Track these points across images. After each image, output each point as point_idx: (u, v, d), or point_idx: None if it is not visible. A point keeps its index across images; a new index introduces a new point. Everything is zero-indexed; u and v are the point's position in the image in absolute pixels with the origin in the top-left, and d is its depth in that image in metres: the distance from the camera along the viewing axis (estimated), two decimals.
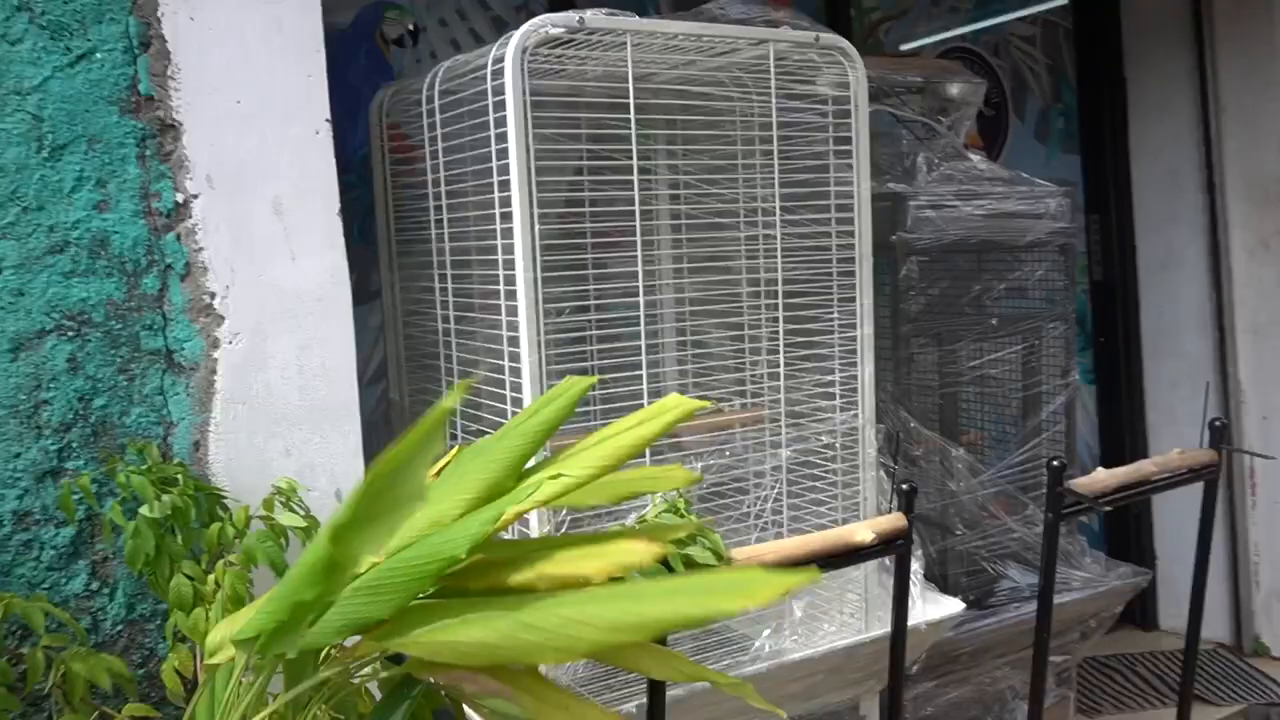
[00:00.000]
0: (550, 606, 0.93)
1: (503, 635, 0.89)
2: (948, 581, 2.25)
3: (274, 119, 1.70)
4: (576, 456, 1.09)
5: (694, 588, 0.93)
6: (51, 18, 1.56)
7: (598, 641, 0.90)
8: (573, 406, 1.10)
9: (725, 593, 0.90)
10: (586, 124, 2.05)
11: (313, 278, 1.73)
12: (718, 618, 0.93)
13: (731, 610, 0.89)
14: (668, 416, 1.10)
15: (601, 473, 1.07)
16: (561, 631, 0.89)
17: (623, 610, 0.91)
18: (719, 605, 0.89)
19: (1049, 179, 3.74)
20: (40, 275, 1.55)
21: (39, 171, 1.55)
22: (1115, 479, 1.96)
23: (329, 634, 0.97)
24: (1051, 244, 2.34)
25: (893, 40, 3.34)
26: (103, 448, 1.59)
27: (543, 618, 0.91)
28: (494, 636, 0.90)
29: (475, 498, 1.02)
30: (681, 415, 1.11)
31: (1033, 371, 2.35)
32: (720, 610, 0.89)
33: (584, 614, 0.91)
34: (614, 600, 0.92)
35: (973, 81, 2.50)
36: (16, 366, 1.54)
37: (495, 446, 1.07)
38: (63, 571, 1.57)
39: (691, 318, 2.17)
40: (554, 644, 0.89)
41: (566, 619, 0.91)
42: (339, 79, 2.44)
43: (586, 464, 1.07)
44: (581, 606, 0.92)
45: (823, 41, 1.84)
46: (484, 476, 1.04)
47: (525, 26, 1.58)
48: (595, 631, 0.90)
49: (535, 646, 0.90)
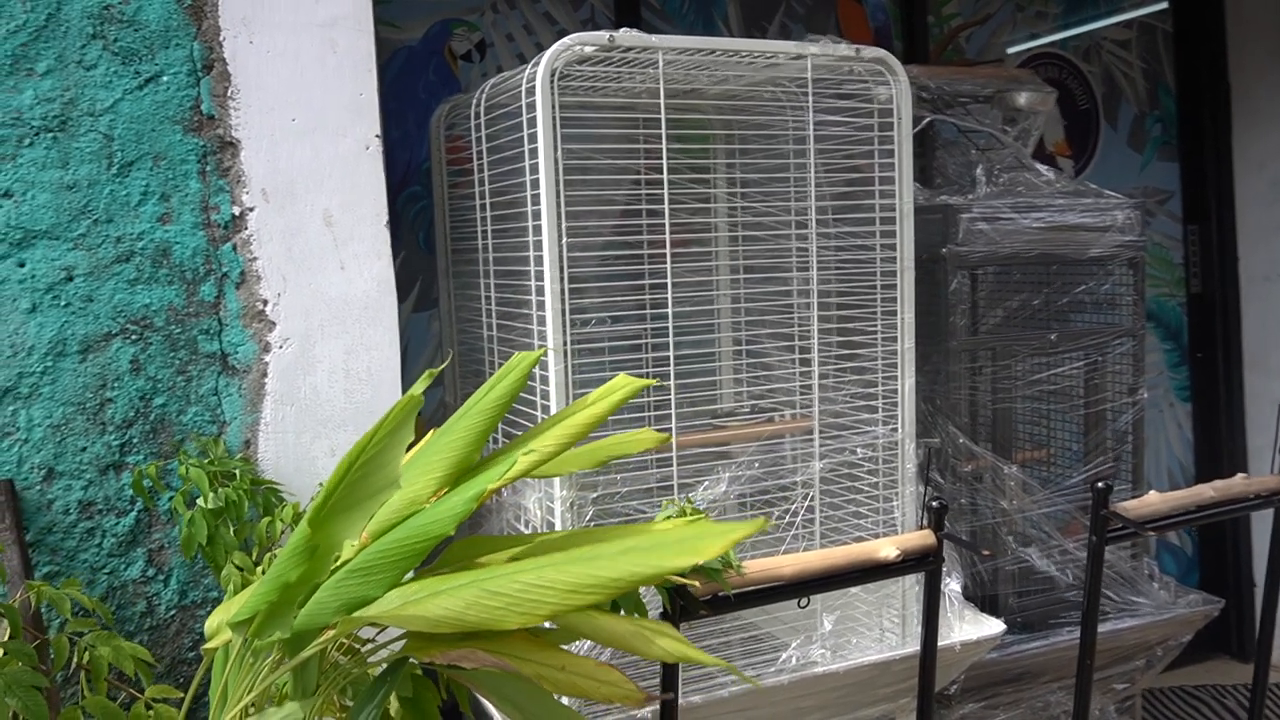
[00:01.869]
0: (512, 573, 0.98)
1: (468, 603, 0.94)
2: (997, 602, 2.20)
3: (326, 135, 1.79)
4: (540, 436, 1.14)
5: (644, 546, 0.97)
6: (123, 44, 1.68)
7: (559, 604, 0.94)
8: (524, 380, 1.16)
9: (675, 550, 0.94)
10: (639, 135, 2.09)
11: (360, 286, 1.81)
12: (668, 573, 0.96)
13: (681, 565, 0.92)
14: (616, 396, 1.15)
15: (564, 447, 1.12)
16: (523, 596, 0.94)
17: (579, 573, 0.95)
18: (669, 562, 0.93)
19: (1143, 188, 3.63)
20: (108, 283, 1.68)
21: (108, 187, 1.67)
22: (1167, 503, 1.88)
23: (326, 614, 1.03)
24: (1119, 257, 2.26)
25: (974, 47, 3.27)
26: (161, 443, 1.70)
27: (505, 584, 0.96)
28: (460, 605, 0.95)
29: (444, 475, 1.08)
30: (628, 395, 1.16)
31: (1096, 389, 2.28)
32: (670, 566, 0.93)
33: (543, 578, 0.95)
34: (571, 564, 0.96)
35: (1041, 90, 2.44)
36: (84, 367, 1.67)
37: (457, 426, 1.13)
38: (122, 558, 1.69)
39: (744, 326, 2.19)
40: (517, 608, 0.94)
41: (527, 584, 0.95)
42: (408, 93, 2.55)
43: (549, 441, 1.12)
44: (540, 572, 0.97)
45: (864, 54, 1.84)
46: (449, 455, 1.09)
47: (555, 46, 1.62)
48: (555, 594, 0.95)
49: (498, 612, 0.95)
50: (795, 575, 1.61)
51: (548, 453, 1.11)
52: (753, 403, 2.33)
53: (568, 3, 2.69)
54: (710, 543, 0.94)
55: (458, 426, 1.15)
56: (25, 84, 1.63)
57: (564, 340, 1.64)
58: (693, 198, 2.12)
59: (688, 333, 1.97)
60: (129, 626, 1.69)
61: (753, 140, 2.16)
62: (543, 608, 0.94)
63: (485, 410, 1.15)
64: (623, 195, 1.87)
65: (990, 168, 2.23)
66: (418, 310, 2.55)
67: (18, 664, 1.27)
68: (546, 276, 1.63)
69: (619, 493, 1.72)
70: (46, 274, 1.64)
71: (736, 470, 1.77)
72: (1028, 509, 2.17)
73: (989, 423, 2.20)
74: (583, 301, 1.79)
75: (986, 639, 1.91)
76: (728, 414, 2.21)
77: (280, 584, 1.03)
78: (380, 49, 2.54)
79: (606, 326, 1.86)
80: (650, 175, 1.77)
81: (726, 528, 0.97)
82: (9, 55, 1.62)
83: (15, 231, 1.63)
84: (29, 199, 1.63)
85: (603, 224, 1.98)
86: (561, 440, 1.15)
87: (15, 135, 1.63)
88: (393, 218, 2.57)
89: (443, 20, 2.55)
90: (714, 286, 2.28)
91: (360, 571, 1.00)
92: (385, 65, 2.52)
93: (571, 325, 1.65)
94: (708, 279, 2.24)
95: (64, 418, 1.66)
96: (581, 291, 1.79)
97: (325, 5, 1.79)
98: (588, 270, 1.82)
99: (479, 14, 2.59)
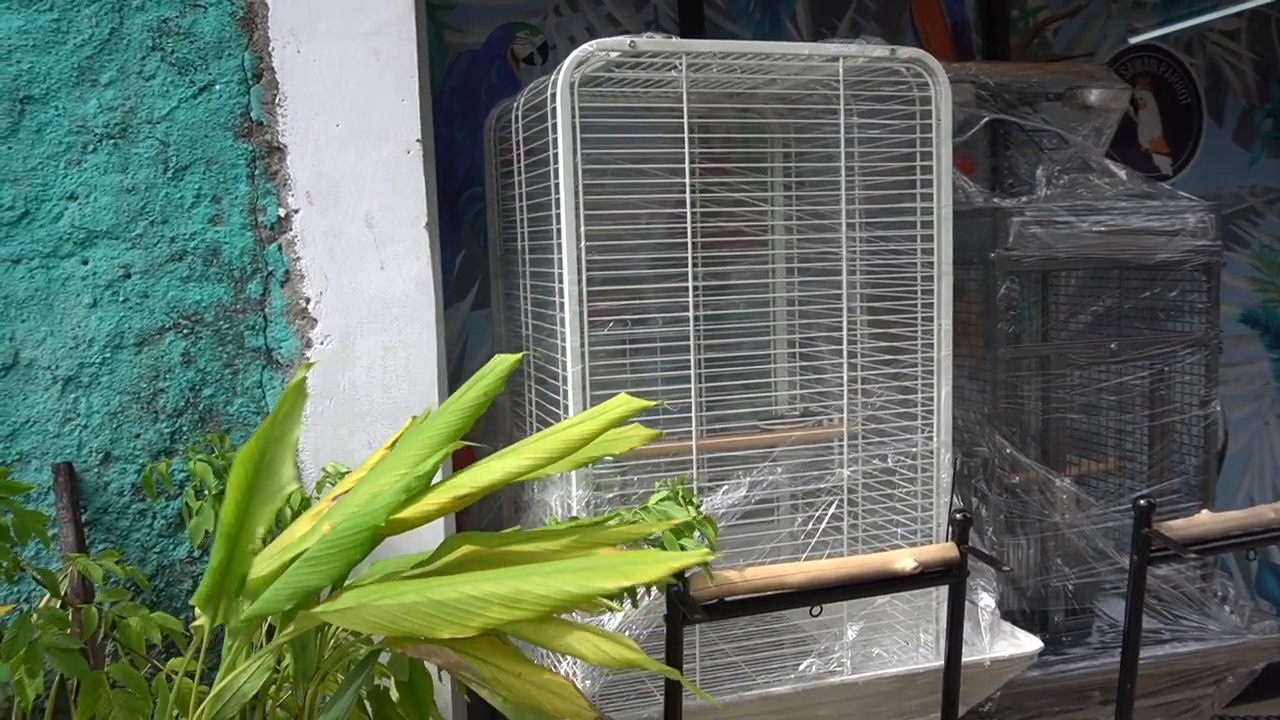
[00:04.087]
0: (455, 583, 1.01)
1: (406, 608, 0.98)
2: (1047, 619, 2.12)
3: (370, 140, 1.86)
4: (526, 448, 1.16)
5: (580, 567, 0.98)
6: (179, 55, 1.78)
7: (490, 619, 0.96)
8: (501, 382, 1.18)
9: (608, 573, 0.95)
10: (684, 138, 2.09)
11: (399, 286, 1.88)
12: (598, 595, 0.97)
13: (609, 588, 0.93)
14: (610, 415, 1.16)
15: (543, 464, 1.14)
16: (459, 607, 0.97)
17: (514, 588, 0.97)
18: (599, 584, 0.94)
19: (1250, 186, 3.42)
20: (162, 280, 1.78)
21: (164, 190, 1.78)
22: (1220, 524, 1.79)
23: (280, 600, 1.08)
24: (1189, 263, 2.15)
25: (1062, 41, 3.15)
26: (208, 432, 1.80)
27: (446, 594, 0.99)
28: (398, 609, 0.98)
29: (407, 472, 1.11)
30: (624, 415, 1.16)
31: (1163, 400, 2.18)
32: (599, 588, 0.94)
33: (480, 591, 0.98)
34: (507, 579, 0.98)
35: (1114, 87, 2.34)
36: (140, 358, 1.78)
37: (432, 424, 1.17)
38: (170, 539, 1.80)
39: (796, 330, 2.18)
40: (449, 617, 0.97)
41: (466, 595, 0.98)
42: (471, 96, 2.61)
43: (529, 455, 1.14)
44: (479, 584, 0.99)
45: (900, 54, 1.80)
46: (417, 452, 1.13)
47: (577, 52, 1.65)
48: (491, 608, 0.97)
49: (432, 619, 0.97)
50: (805, 582, 1.60)
51: (521, 468, 1.13)
52: (803, 406, 2.32)
53: (630, 4, 2.71)
54: (647, 569, 0.95)
55: (430, 425, 1.19)
56: (90, 94, 1.75)
57: (581, 341, 1.67)
58: (736, 199, 2.11)
59: (724, 335, 1.97)
60: (176, 603, 1.80)
61: (801, 142, 2.14)
62: (476, 619, 0.96)
63: (459, 410, 1.18)
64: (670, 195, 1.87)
65: (1051, 169, 2.15)
66: (476, 308, 2.62)
67: (54, 629, 1.38)
68: (565, 279, 1.66)
69: (635, 494, 1.74)
70: (107, 271, 1.76)
71: (758, 475, 1.77)
72: (1081, 524, 2.09)
73: (1039, 434, 2.12)
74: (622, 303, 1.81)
75: (1020, 656, 1.86)
76: (775, 417, 2.20)
77: (213, 568, 1.10)
78: (445, 53, 2.62)
79: (627, 329, 1.87)
80: (696, 174, 1.77)
81: (667, 556, 0.98)
82: (76, 67, 1.74)
83: (79, 231, 1.75)
84: (92, 201, 1.75)
85: (651, 224, 1.99)
86: (545, 457, 1.16)
87: (81, 142, 1.75)
88: (455, 217, 2.66)
89: (506, 24, 2.61)
90: (769, 288, 2.27)
91: (311, 561, 1.05)
92: (449, 69, 2.59)
93: (594, 327, 1.67)
94: (741, 282, 2.22)
95: (120, 405, 1.77)
96: (607, 294, 1.81)
97: (370, 14, 1.85)
98: (620, 273, 1.83)
99: (542, 17, 2.64)
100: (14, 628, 1.30)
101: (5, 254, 1.72)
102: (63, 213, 1.74)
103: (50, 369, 1.74)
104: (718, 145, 2.34)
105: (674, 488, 1.40)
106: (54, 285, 1.74)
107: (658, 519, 1.34)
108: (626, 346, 2.14)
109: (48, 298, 1.74)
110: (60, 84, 1.73)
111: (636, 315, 1.93)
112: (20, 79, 1.72)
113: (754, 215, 2.25)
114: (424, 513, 1.12)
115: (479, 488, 1.12)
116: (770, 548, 1.83)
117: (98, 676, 1.34)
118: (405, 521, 1.11)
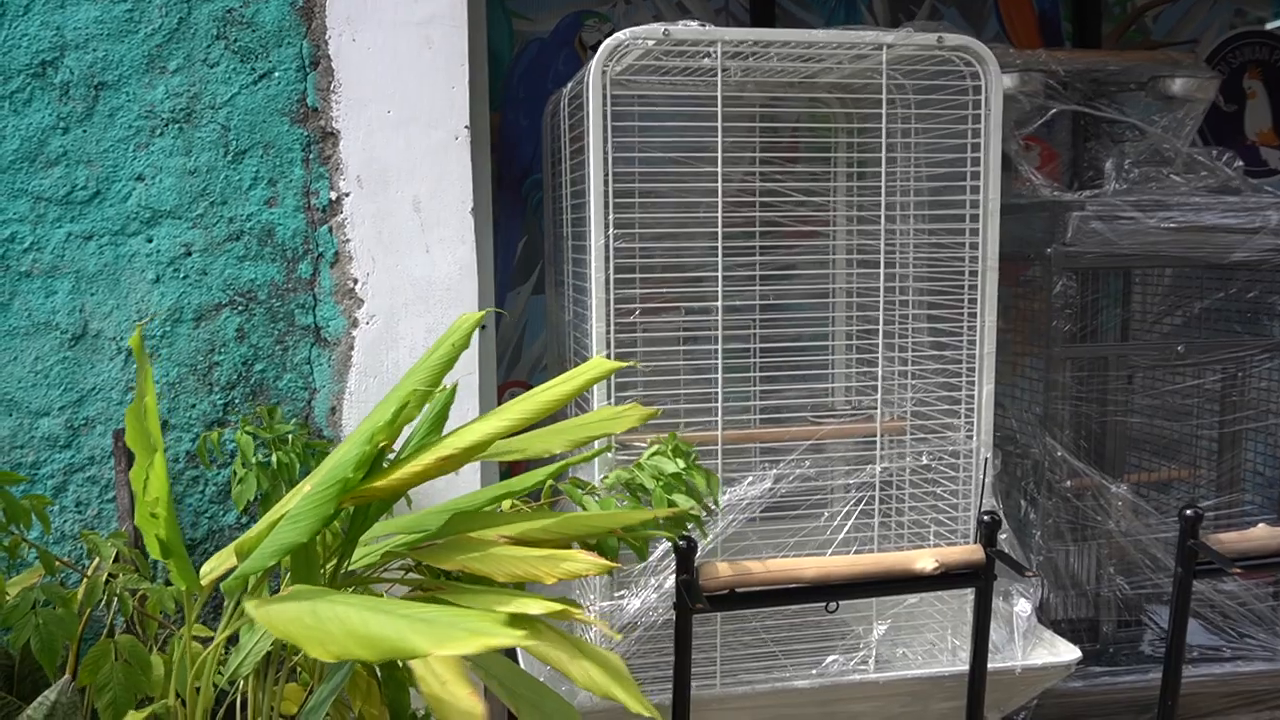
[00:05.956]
0: (336, 600, 0.95)
1: (291, 619, 0.92)
2: (1099, 630, 2.04)
3: (419, 126, 1.91)
4: (507, 410, 1.19)
5: (422, 618, 0.89)
6: (242, 44, 1.86)
7: (341, 648, 0.87)
8: (467, 340, 1.20)
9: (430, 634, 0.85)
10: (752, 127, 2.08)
11: (443, 269, 1.93)
12: (410, 655, 0.86)
13: (420, 650, 0.84)
14: (587, 375, 1.17)
15: (522, 423, 1.16)
16: (321, 627, 0.90)
17: (361, 619, 0.90)
18: (415, 644, 0.85)
19: None
20: (220, 258, 1.87)
21: (224, 173, 1.87)
22: (1276, 539, 1.70)
23: (265, 557, 1.13)
24: (1269, 263, 2.03)
25: (1162, 27, 3.00)
26: (258, 405, 1.89)
27: (322, 609, 0.92)
28: (289, 621, 0.92)
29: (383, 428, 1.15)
30: (598, 376, 1.17)
31: (1233, 407, 2.06)
32: (411, 649, 0.85)
33: (338, 614, 0.91)
34: (362, 609, 0.92)
35: (1199, 76, 2.22)
36: (197, 333, 1.87)
37: (403, 385, 1.20)
38: (221, 505, 1.90)
39: (848, 322, 2.15)
40: (314, 637, 0.89)
41: (330, 616, 0.91)
42: (538, 83, 2.65)
43: (509, 416, 1.17)
44: (344, 606, 0.92)
45: (946, 42, 1.75)
46: (391, 408, 1.17)
47: (609, 41, 1.66)
48: (341, 635, 0.88)
49: (304, 636, 0.90)
50: (818, 578, 1.59)
51: (501, 429, 1.16)
52: (857, 400, 2.29)
53: None
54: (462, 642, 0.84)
55: (402, 386, 1.22)
56: (158, 80, 1.84)
57: (608, 329, 1.68)
58: (796, 190, 2.09)
59: (779, 326, 1.96)
60: None
61: (862, 133, 2.10)
62: (332, 645, 0.87)
63: (429, 369, 1.22)
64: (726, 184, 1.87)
65: (1120, 161, 2.06)
66: (536, 293, 2.66)
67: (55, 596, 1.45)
68: (593, 266, 1.68)
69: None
70: (169, 249, 1.86)
71: (784, 469, 1.75)
72: (1137, 532, 2.00)
73: (1096, 438, 2.04)
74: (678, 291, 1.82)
75: (1055, 665, 1.80)
76: (827, 410, 2.18)
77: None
78: (514, 40, 2.66)
79: (653, 317, 1.88)
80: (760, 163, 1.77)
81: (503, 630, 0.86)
82: (145, 55, 1.84)
83: (145, 211, 1.85)
84: (157, 182, 1.85)
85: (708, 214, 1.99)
86: (523, 417, 1.19)
87: (149, 126, 1.85)
88: (518, 203, 2.70)
89: (575, 12, 2.63)
90: (828, 279, 2.25)
91: (291, 519, 1.09)
92: (517, 56, 2.63)
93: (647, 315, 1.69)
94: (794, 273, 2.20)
95: (178, 377, 1.87)
96: (665, 283, 1.82)
97: (424, 3, 1.90)
98: (676, 260, 1.84)
99: (611, 5, 2.65)
100: (16, 595, 1.36)
101: (78, 231, 1.83)
102: (130, 193, 1.84)
103: (115, 340, 1.85)
104: (785, 135, 2.32)
105: (666, 443, 1.41)
106: (121, 261, 1.85)
107: (651, 475, 1.35)
108: (681, 334, 2.14)
109: (115, 273, 1.85)
110: (131, 71, 1.83)
111: (689, 304, 1.93)
112: (95, 66, 1.82)
113: (815, 207, 2.23)
114: (410, 474, 1.15)
115: (461, 449, 1.15)
116: (795, 541, 1.81)
117: (105, 645, 1.39)
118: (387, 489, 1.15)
